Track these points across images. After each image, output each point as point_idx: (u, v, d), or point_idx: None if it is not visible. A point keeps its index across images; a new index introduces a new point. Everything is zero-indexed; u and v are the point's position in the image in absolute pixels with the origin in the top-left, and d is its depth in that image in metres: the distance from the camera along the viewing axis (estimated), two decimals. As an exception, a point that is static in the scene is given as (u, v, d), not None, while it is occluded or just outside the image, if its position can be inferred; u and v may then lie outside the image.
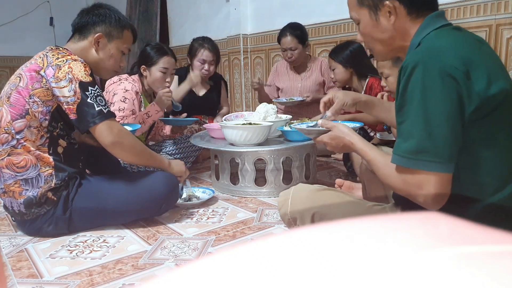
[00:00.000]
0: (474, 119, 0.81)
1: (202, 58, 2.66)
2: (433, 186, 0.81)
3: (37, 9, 5.50)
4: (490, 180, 0.85)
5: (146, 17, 5.29)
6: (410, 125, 0.82)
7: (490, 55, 0.88)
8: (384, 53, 1.03)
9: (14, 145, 1.37)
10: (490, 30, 2.28)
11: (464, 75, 0.79)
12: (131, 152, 1.43)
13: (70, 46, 1.48)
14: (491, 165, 0.84)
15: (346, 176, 2.17)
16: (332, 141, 1.10)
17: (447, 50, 0.82)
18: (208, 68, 2.68)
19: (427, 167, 0.80)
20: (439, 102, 0.79)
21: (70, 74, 1.33)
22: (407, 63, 0.84)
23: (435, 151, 0.79)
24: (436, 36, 0.88)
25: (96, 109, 1.34)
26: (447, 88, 0.78)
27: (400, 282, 0.16)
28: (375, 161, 0.96)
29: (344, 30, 3.07)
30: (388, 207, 1.13)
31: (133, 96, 2.07)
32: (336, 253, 0.19)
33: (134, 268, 1.20)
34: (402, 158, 0.84)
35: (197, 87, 2.78)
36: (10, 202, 1.41)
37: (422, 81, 0.80)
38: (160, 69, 2.15)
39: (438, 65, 0.79)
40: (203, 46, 2.67)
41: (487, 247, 0.18)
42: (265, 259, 0.19)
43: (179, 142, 2.35)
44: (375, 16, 0.96)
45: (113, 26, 1.49)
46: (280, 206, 1.20)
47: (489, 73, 0.81)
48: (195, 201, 1.75)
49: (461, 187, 0.86)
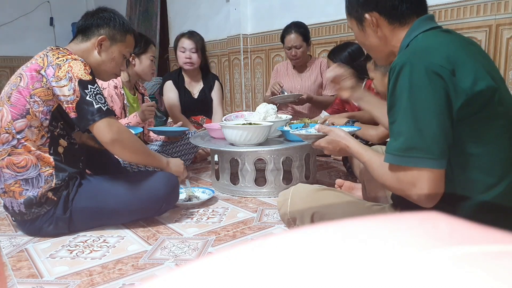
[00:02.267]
0: (463, 117, 0.82)
1: (182, 46, 2.68)
2: (426, 183, 0.82)
3: (37, 9, 5.51)
4: (482, 177, 0.85)
5: (146, 17, 5.29)
6: (400, 124, 0.84)
7: (478, 55, 0.90)
8: (379, 58, 1.07)
9: (14, 145, 1.37)
10: (490, 30, 2.29)
11: (450, 72, 0.80)
12: (131, 150, 1.43)
13: (72, 47, 1.49)
14: (482, 162, 0.85)
15: (346, 176, 2.17)
16: (329, 145, 1.13)
17: (433, 49, 0.85)
18: (189, 56, 2.68)
19: (418, 164, 0.81)
20: (427, 100, 0.81)
21: (70, 73, 1.33)
22: (395, 64, 0.86)
23: (425, 148, 0.80)
24: (424, 37, 0.91)
25: (95, 106, 1.33)
26: (434, 86, 0.80)
27: (400, 282, 0.16)
28: (370, 162, 0.98)
29: (344, 30, 3.07)
30: (388, 207, 1.13)
31: (110, 92, 2.11)
32: (335, 253, 0.19)
33: (134, 268, 1.21)
34: (393, 156, 0.85)
35: (192, 85, 2.78)
36: (10, 202, 1.41)
37: (409, 80, 0.82)
38: (149, 57, 2.27)
39: (424, 64, 0.81)
40: (183, 35, 2.73)
41: (487, 247, 0.18)
42: (265, 259, 0.19)
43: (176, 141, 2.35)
44: (361, 27, 1.01)
45: (117, 29, 1.50)
46: (280, 206, 1.20)
47: (476, 71, 0.82)
48: (195, 201, 1.75)
49: (454, 185, 0.87)
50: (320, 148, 1.18)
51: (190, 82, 2.81)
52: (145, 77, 2.32)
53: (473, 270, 0.16)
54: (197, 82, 2.81)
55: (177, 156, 2.29)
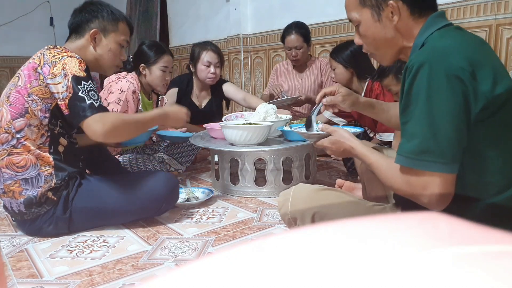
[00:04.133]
0: (480, 119, 0.81)
1: (207, 60, 2.50)
2: (437, 187, 0.80)
3: (37, 9, 5.50)
4: (495, 179, 0.84)
5: (146, 17, 5.29)
6: (414, 125, 0.82)
7: (492, 55, 0.88)
8: (388, 56, 1.01)
9: (14, 144, 1.37)
10: (490, 30, 2.28)
11: (470, 75, 0.78)
12: (127, 135, 1.40)
13: (68, 45, 1.49)
14: (496, 164, 0.84)
15: (346, 176, 2.17)
16: (332, 145, 1.10)
17: (453, 50, 0.82)
18: (214, 71, 2.52)
19: (431, 168, 0.80)
20: (445, 103, 0.78)
21: (65, 70, 1.33)
22: (412, 63, 0.83)
23: (439, 152, 0.79)
24: (440, 36, 0.88)
25: (87, 102, 1.31)
26: (453, 89, 0.78)
27: (400, 282, 0.16)
28: (377, 164, 0.96)
29: (344, 30, 3.07)
30: (389, 207, 1.13)
31: (128, 97, 2.05)
32: (336, 253, 0.19)
33: (134, 268, 1.21)
34: (405, 159, 0.83)
35: (201, 98, 2.69)
36: (9, 202, 1.41)
37: (428, 81, 0.79)
38: (160, 68, 2.19)
39: (444, 66, 0.79)
40: (206, 48, 2.53)
41: (487, 247, 0.18)
42: (265, 259, 0.19)
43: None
44: (377, 17, 0.95)
45: (107, 20, 1.48)
46: (281, 206, 1.20)
47: (495, 72, 0.80)
48: (194, 201, 1.75)
49: (466, 187, 0.85)
50: (323, 148, 1.14)
51: (200, 93, 2.69)
52: (157, 88, 2.24)
53: (473, 270, 0.16)
54: (206, 93, 2.70)
55: (178, 157, 2.29)
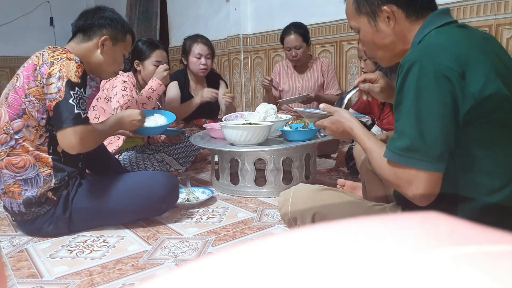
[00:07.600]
0: (470, 120, 0.81)
1: (198, 52, 2.62)
2: (422, 184, 0.82)
3: (37, 9, 5.50)
4: (487, 180, 0.85)
5: (146, 17, 5.29)
6: (403, 123, 0.84)
7: (493, 53, 0.87)
8: (387, 59, 1.03)
9: (12, 145, 1.37)
10: (490, 30, 2.28)
11: (459, 75, 0.79)
12: (95, 144, 1.41)
13: (71, 45, 1.49)
14: (487, 166, 0.84)
15: (346, 176, 2.17)
16: (332, 125, 1.10)
17: (444, 49, 0.83)
18: (205, 62, 2.63)
19: (416, 165, 0.82)
20: (432, 103, 0.80)
21: (61, 72, 1.33)
22: (405, 60, 0.85)
23: (425, 151, 0.81)
24: (436, 34, 0.88)
25: (75, 112, 1.31)
26: (441, 89, 0.79)
27: (400, 282, 0.16)
28: (371, 150, 0.97)
29: (344, 30, 3.07)
30: (389, 207, 1.13)
31: (131, 86, 2.14)
32: (336, 253, 0.19)
33: (134, 268, 1.21)
34: (393, 154, 0.85)
35: (197, 91, 2.74)
36: (9, 202, 1.41)
37: (417, 80, 0.81)
38: (153, 63, 2.25)
39: (433, 65, 0.80)
40: (196, 41, 2.65)
41: (487, 247, 0.18)
42: (265, 259, 0.19)
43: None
44: (374, 23, 0.97)
45: (119, 30, 1.52)
46: (281, 206, 1.19)
47: (488, 73, 0.80)
48: (194, 201, 1.75)
49: (458, 187, 0.86)
50: (323, 127, 1.14)
51: (196, 86, 2.76)
52: None
53: (473, 270, 0.16)
54: (202, 86, 2.77)
55: (178, 157, 2.30)
